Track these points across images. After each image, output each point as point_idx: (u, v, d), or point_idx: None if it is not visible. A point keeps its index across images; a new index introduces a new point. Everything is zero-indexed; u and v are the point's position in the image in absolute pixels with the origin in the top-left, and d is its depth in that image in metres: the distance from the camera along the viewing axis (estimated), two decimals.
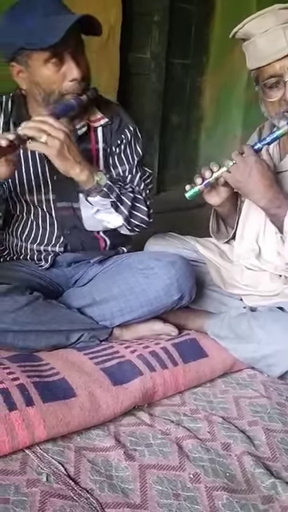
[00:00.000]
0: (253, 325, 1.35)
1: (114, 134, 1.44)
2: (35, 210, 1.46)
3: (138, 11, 3.13)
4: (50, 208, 1.45)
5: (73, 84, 1.27)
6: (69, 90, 1.28)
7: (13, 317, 1.26)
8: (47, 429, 1.02)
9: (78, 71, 1.25)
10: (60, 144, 1.20)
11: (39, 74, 1.26)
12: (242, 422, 1.19)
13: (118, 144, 1.45)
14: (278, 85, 1.31)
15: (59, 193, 1.43)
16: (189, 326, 1.51)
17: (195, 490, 0.96)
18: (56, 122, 1.21)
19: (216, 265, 1.61)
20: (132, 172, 1.47)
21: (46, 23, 1.20)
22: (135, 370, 1.24)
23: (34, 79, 1.28)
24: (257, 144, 1.35)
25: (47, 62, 1.24)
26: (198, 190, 1.40)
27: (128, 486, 0.96)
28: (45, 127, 1.19)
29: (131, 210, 1.38)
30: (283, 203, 1.32)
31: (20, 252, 1.52)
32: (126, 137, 1.45)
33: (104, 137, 1.44)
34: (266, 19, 1.29)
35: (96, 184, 1.29)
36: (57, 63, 1.24)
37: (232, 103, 3.72)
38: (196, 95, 3.80)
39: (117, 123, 1.44)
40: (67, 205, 1.44)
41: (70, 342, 1.34)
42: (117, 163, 1.47)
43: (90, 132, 1.42)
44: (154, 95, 3.43)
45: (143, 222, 1.42)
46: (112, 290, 1.41)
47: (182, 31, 3.51)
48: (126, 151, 1.46)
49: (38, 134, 1.19)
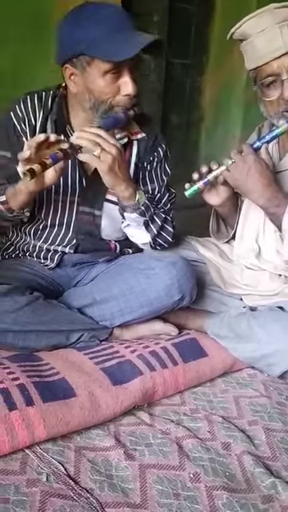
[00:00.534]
0: (253, 324, 1.35)
1: (148, 150, 1.46)
2: (55, 209, 1.45)
3: (137, 11, 3.13)
4: (71, 209, 1.45)
5: (126, 99, 1.29)
6: (120, 103, 1.29)
7: (13, 317, 1.26)
8: (47, 428, 1.02)
9: (133, 87, 1.27)
10: (112, 160, 1.22)
11: (95, 83, 1.26)
12: (242, 422, 1.19)
13: (150, 161, 1.47)
14: (276, 84, 1.31)
15: (84, 197, 1.44)
16: (189, 326, 1.51)
17: (195, 490, 0.96)
18: (110, 137, 1.23)
19: (216, 265, 1.61)
20: (161, 191, 1.49)
21: (117, 37, 1.21)
22: (135, 370, 1.24)
23: (89, 86, 1.28)
24: (256, 142, 1.36)
25: (106, 73, 1.25)
26: (198, 189, 1.41)
27: (128, 485, 0.96)
28: (99, 140, 1.21)
29: (160, 230, 1.42)
30: (282, 202, 1.32)
31: (27, 250, 1.51)
32: (158, 154, 1.48)
33: (138, 151, 1.46)
34: (262, 19, 1.29)
35: (136, 202, 1.32)
36: (115, 76, 1.26)
37: (232, 103, 3.73)
38: (196, 95, 3.80)
39: (152, 140, 1.46)
40: (89, 210, 1.45)
41: (70, 342, 1.34)
42: (147, 180, 1.48)
43: (127, 144, 1.44)
44: (154, 95, 3.44)
45: (167, 241, 1.47)
46: (112, 290, 1.41)
47: (182, 31, 3.51)
48: (157, 169, 1.49)
49: (93, 146, 1.21)
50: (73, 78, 1.29)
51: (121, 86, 1.27)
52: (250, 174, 1.31)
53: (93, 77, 1.26)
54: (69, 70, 1.29)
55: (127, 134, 1.42)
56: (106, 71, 1.24)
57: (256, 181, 1.31)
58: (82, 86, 1.29)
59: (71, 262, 1.52)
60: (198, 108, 3.86)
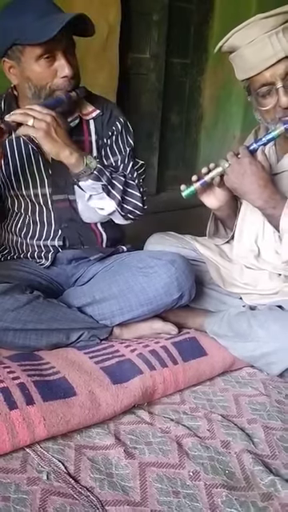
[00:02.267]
0: (252, 323, 1.36)
1: (106, 126, 1.47)
2: (32, 204, 1.48)
3: (137, 11, 3.14)
4: (46, 201, 1.47)
5: (64, 81, 1.31)
6: (59, 86, 1.32)
7: (13, 315, 1.27)
8: (47, 427, 1.03)
9: (69, 68, 1.29)
10: (47, 125, 1.23)
11: (31, 70, 1.30)
12: (242, 420, 1.20)
13: (110, 135, 1.48)
14: (271, 92, 1.31)
15: (55, 186, 1.45)
16: (188, 325, 1.52)
17: (195, 488, 0.97)
18: (42, 108, 1.25)
19: (215, 264, 1.61)
20: (124, 161, 1.49)
21: (42, 21, 1.24)
22: (135, 369, 1.25)
23: (26, 74, 1.31)
24: (253, 145, 1.36)
25: (39, 59, 1.28)
26: (194, 189, 1.42)
27: (128, 483, 0.97)
28: (30, 112, 1.23)
29: (123, 194, 1.39)
30: (278, 203, 1.32)
31: (21, 249, 1.53)
32: (116, 128, 1.48)
33: (96, 129, 1.47)
34: (250, 30, 1.29)
35: (86, 167, 1.30)
36: (49, 60, 1.28)
37: (231, 102, 3.72)
38: (195, 95, 3.80)
39: (107, 116, 1.47)
40: (63, 197, 1.46)
41: (71, 341, 1.35)
42: (109, 154, 1.49)
43: (83, 124, 1.45)
44: (154, 95, 3.44)
45: (137, 207, 1.43)
46: (112, 289, 1.41)
47: (182, 30, 3.51)
48: (118, 142, 1.49)
49: (25, 118, 1.22)
50: (12, 70, 1.34)
51: (57, 69, 1.30)
52: (246, 176, 1.32)
53: (28, 64, 1.29)
54: (7, 64, 1.33)
55: (79, 115, 1.44)
56: (39, 56, 1.27)
57: (252, 183, 1.32)
58: (21, 76, 1.33)
59: (66, 259, 1.53)
60: (198, 107, 3.86)
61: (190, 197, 1.43)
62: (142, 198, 1.43)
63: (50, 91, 1.32)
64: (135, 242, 1.69)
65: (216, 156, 1.47)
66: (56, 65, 1.30)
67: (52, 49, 1.27)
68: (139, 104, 3.37)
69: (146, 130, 3.44)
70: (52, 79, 1.31)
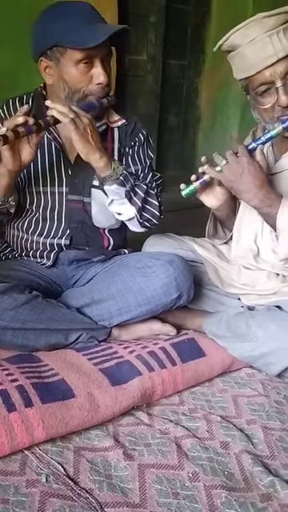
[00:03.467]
0: (251, 324, 1.36)
1: (129, 136, 1.52)
2: (45, 201, 1.48)
3: (134, 12, 3.14)
4: (61, 200, 1.48)
5: (98, 87, 1.36)
6: (93, 92, 1.36)
7: (12, 314, 1.27)
8: (46, 429, 1.03)
9: (104, 76, 1.34)
10: (84, 126, 1.26)
11: (69, 72, 1.33)
12: (241, 421, 1.20)
13: (132, 145, 1.52)
14: (270, 91, 1.32)
15: (72, 186, 1.47)
16: (187, 326, 1.52)
17: (194, 489, 0.97)
18: (80, 110, 1.28)
19: (213, 265, 1.62)
20: (144, 172, 1.53)
21: (87, 27, 1.29)
22: (134, 370, 1.25)
23: (62, 76, 1.34)
24: (251, 144, 1.37)
25: (79, 63, 1.32)
26: (194, 188, 1.43)
27: (127, 485, 0.97)
28: (71, 113, 1.26)
29: (144, 202, 1.43)
30: (274, 202, 1.33)
31: (24, 247, 1.53)
32: (139, 139, 1.53)
33: (119, 137, 1.51)
34: (250, 29, 1.30)
35: (113, 172, 1.34)
36: (87, 65, 1.33)
37: (229, 103, 3.73)
38: (193, 96, 3.81)
39: (132, 126, 1.53)
40: (78, 198, 1.48)
41: (69, 342, 1.35)
42: (130, 163, 1.52)
43: (108, 132, 1.49)
44: (151, 96, 3.44)
45: (154, 216, 1.47)
46: (110, 290, 1.42)
47: (179, 32, 3.52)
48: (139, 153, 1.53)
49: (66, 115, 1.25)
50: (48, 70, 1.37)
51: (93, 76, 1.34)
52: (244, 175, 1.32)
53: (66, 67, 1.33)
54: (44, 63, 1.36)
55: (106, 122, 1.48)
56: (79, 60, 1.31)
57: (249, 182, 1.32)
58: (57, 76, 1.36)
59: (67, 260, 1.53)
60: (195, 108, 3.87)
61: (189, 196, 1.44)
62: (159, 207, 1.48)
63: (84, 96, 1.36)
64: (134, 243, 1.69)
65: None
66: (93, 71, 1.34)
67: (92, 55, 1.31)
68: (137, 105, 3.38)
69: None
70: (87, 84, 1.35)
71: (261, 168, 1.33)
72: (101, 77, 1.33)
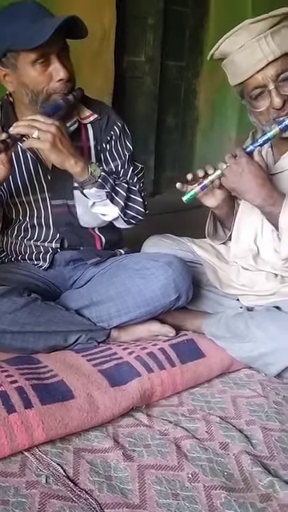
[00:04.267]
0: (250, 324, 1.36)
1: (104, 131, 1.48)
2: (31, 209, 1.48)
3: (132, 14, 3.15)
4: (45, 206, 1.48)
5: (60, 84, 1.31)
6: (56, 89, 1.32)
7: (11, 318, 1.27)
8: (46, 431, 1.03)
9: (64, 72, 1.30)
10: (52, 137, 1.23)
11: (27, 75, 1.30)
12: (240, 422, 1.20)
13: (108, 140, 1.48)
14: (263, 94, 1.34)
15: (54, 191, 1.46)
16: (186, 327, 1.52)
17: (194, 490, 0.97)
18: (45, 118, 1.25)
19: (212, 265, 1.62)
20: (124, 167, 1.50)
21: (34, 26, 1.24)
22: (133, 372, 1.25)
23: (22, 80, 1.31)
24: (249, 146, 1.37)
25: (34, 63, 1.28)
26: (195, 193, 1.43)
27: (127, 486, 0.97)
28: (35, 124, 1.23)
29: (126, 200, 1.41)
30: (277, 201, 1.33)
31: (19, 251, 1.53)
32: (115, 133, 1.48)
33: (94, 134, 1.48)
34: (239, 36, 1.31)
35: (91, 175, 1.32)
36: (44, 64, 1.28)
37: (227, 105, 3.73)
38: (191, 97, 3.81)
39: (105, 120, 1.48)
40: (62, 202, 1.47)
41: (68, 344, 1.35)
42: (109, 159, 1.49)
43: (81, 129, 1.46)
44: (149, 98, 3.45)
45: (139, 213, 1.45)
46: (109, 291, 1.42)
47: (177, 34, 3.52)
48: (117, 147, 1.50)
49: (30, 130, 1.23)
50: (7, 78, 1.34)
51: (52, 73, 1.30)
52: (244, 175, 1.33)
53: (23, 70, 1.29)
54: (1, 72, 1.33)
55: (77, 119, 1.44)
56: (34, 61, 1.27)
57: (250, 181, 1.33)
58: (17, 82, 1.33)
59: (64, 261, 1.53)
60: (193, 110, 3.87)
61: (190, 201, 1.44)
62: (143, 203, 1.45)
63: (47, 95, 1.32)
64: (132, 244, 1.69)
65: (212, 158, 1.48)
66: (51, 68, 1.30)
67: (46, 53, 1.27)
68: (135, 107, 3.38)
69: (141, 133, 3.45)
70: (48, 83, 1.31)
71: (261, 167, 1.34)
72: (60, 72, 1.29)
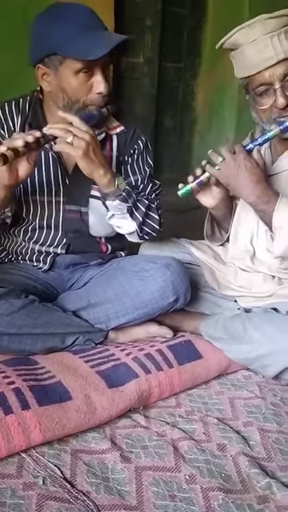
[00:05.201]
0: (247, 326, 1.36)
1: (128, 144, 1.49)
2: (42, 210, 1.47)
3: (130, 15, 3.15)
4: (58, 210, 1.47)
5: (98, 97, 1.31)
6: (93, 101, 1.32)
7: (8, 320, 1.27)
8: (43, 432, 1.03)
9: (105, 86, 1.30)
10: (86, 145, 1.23)
11: (68, 82, 1.29)
12: (237, 423, 1.20)
13: (131, 154, 1.49)
14: (268, 92, 1.33)
15: (70, 196, 1.46)
16: (184, 328, 1.52)
17: (191, 491, 0.97)
18: (82, 124, 1.24)
19: (210, 267, 1.62)
20: (144, 182, 1.51)
21: (87, 36, 1.23)
22: (130, 373, 1.25)
23: (61, 85, 1.30)
24: (248, 144, 1.37)
25: (78, 73, 1.27)
26: (190, 188, 1.42)
27: (124, 487, 0.96)
28: (70, 128, 1.23)
29: (145, 217, 1.42)
30: (271, 199, 1.33)
31: (20, 253, 1.52)
32: (138, 147, 1.50)
33: (118, 145, 1.48)
34: (253, 29, 1.31)
35: (116, 188, 1.33)
36: (87, 75, 1.28)
37: (225, 106, 3.74)
38: (189, 98, 3.82)
39: (131, 133, 1.49)
40: (75, 208, 1.47)
41: (66, 345, 1.34)
42: (129, 172, 1.50)
43: (106, 139, 1.46)
44: (148, 99, 3.45)
45: (154, 230, 1.47)
46: (107, 293, 1.41)
47: (175, 35, 3.53)
48: (139, 161, 1.51)
49: (65, 134, 1.22)
50: (45, 77, 1.32)
51: (93, 85, 1.30)
52: (240, 172, 1.33)
53: (65, 76, 1.28)
54: (41, 70, 1.31)
55: (105, 130, 1.45)
56: (78, 70, 1.27)
57: (246, 178, 1.33)
58: (55, 85, 1.31)
59: (64, 264, 1.53)
60: (191, 111, 3.88)
61: (185, 196, 1.43)
62: (159, 220, 1.47)
63: (83, 106, 1.32)
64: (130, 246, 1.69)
65: None
66: (93, 80, 1.29)
67: (92, 65, 1.27)
68: (133, 108, 3.38)
69: None
70: (87, 94, 1.30)
71: (258, 165, 1.34)
72: (101, 86, 1.29)
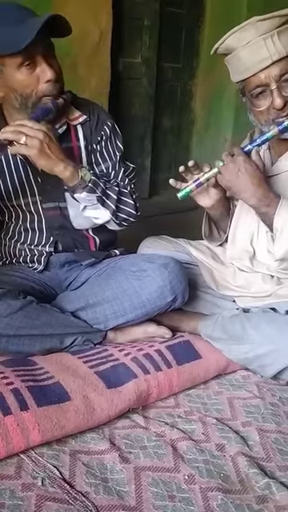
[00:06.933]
0: (246, 326, 1.36)
1: (94, 131, 1.47)
2: (23, 213, 1.48)
3: (128, 16, 3.15)
4: (37, 209, 1.47)
5: (48, 85, 1.30)
6: (45, 91, 1.30)
7: (6, 321, 1.26)
8: (42, 433, 1.03)
9: (51, 72, 1.28)
10: (39, 143, 1.22)
11: (14, 79, 1.28)
12: (236, 423, 1.20)
13: (99, 141, 1.47)
14: (265, 93, 1.33)
15: (45, 194, 1.45)
16: (182, 328, 1.52)
17: (190, 492, 0.97)
18: (34, 123, 1.23)
19: (209, 267, 1.62)
20: (115, 168, 1.49)
21: (16, 28, 1.22)
22: (129, 373, 1.25)
23: (10, 85, 1.30)
24: (247, 146, 1.37)
25: (21, 67, 1.26)
26: (190, 190, 1.43)
27: (123, 488, 0.96)
28: (22, 129, 1.22)
29: (118, 203, 1.40)
30: (272, 201, 1.34)
31: (13, 254, 1.53)
32: (105, 133, 1.48)
33: (84, 134, 1.46)
34: (245, 32, 1.31)
35: (81, 180, 1.31)
36: (30, 66, 1.27)
37: (223, 106, 3.75)
38: (187, 99, 3.82)
39: (95, 120, 1.47)
40: (54, 205, 1.47)
41: (64, 346, 1.34)
42: (99, 160, 1.49)
43: (70, 130, 1.45)
44: (146, 99, 3.45)
45: (130, 215, 1.44)
46: (105, 293, 1.41)
47: (173, 35, 3.53)
48: (108, 147, 1.49)
49: (17, 136, 1.22)
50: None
51: (39, 75, 1.28)
52: (240, 175, 1.33)
53: (10, 75, 1.28)
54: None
55: (66, 121, 1.43)
56: (20, 64, 1.26)
57: (246, 181, 1.33)
58: (5, 87, 1.31)
59: (59, 263, 1.53)
60: (190, 111, 3.88)
61: (184, 198, 1.43)
62: (135, 205, 1.44)
63: (37, 98, 1.30)
64: (129, 245, 1.69)
65: (208, 159, 1.48)
66: (38, 70, 1.28)
67: (31, 55, 1.25)
68: (131, 108, 3.38)
69: (138, 134, 3.45)
70: (36, 86, 1.29)
71: (257, 167, 1.34)
72: (47, 73, 1.27)
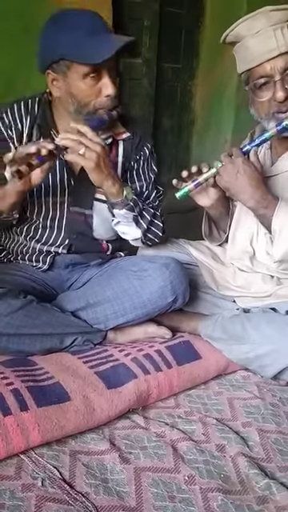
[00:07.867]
0: (246, 326, 1.36)
1: (134, 150, 1.51)
2: (47, 210, 1.47)
3: (128, 16, 3.15)
4: (62, 211, 1.47)
5: (107, 99, 1.32)
6: (103, 105, 1.33)
7: (7, 320, 1.26)
8: (42, 433, 1.02)
9: (113, 88, 1.31)
10: (97, 157, 1.25)
11: (76, 86, 1.30)
12: (236, 424, 1.20)
13: (137, 160, 1.51)
14: (268, 85, 1.33)
15: (75, 198, 1.46)
16: (182, 329, 1.52)
17: (190, 492, 0.97)
18: (93, 135, 1.26)
19: (209, 267, 1.62)
20: (149, 188, 1.53)
21: (93, 40, 1.24)
22: (129, 373, 1.24)
23: (70, 90, 1.31)
24: (246, 146, 1.38)
25: (86, 76, 1.28)
26: (188, 190, 1.43)
27: (123, 488, 0.96)
28: (83, 139, 1.25)
29: (149, 225, 1.45)
30: (270, 203, 1.34)
31: (20, 252, 1.52)
32: (144, 153, 1.52)
33: (124, 151, 1.49)
34: (256, 21, 1.31)
35: (124, 198, 1.35)
36: (95, 78, 1.29)
37: (223, 106, 3.74)
38: (187, 99, 3.82)
39: (137, 139, 1.50)
40: (80, 210, 1.48)
41: (64, 346, 1.34)
42: (135, 178, 1.52)
43: (112, 145, 1.47)
44: (146, 99, 3.45)
45: (157, 236, 1.50)
46: (106, 293, 1.41)
47: (173, 35, 3.53)
48: (144, 168, 1.53)
49: (77, 146, 1.25)
50: (55, 83, 1.33)
51: (101, 88, 1.31)
52: (239, 176, 1.33)
53: (73, 80, 1.30)
54: (51, 76, 1.32)
55: (112, 135, 1.46)
56: (86, 74, 1.28)
57: (245, 182, 1.33)
58: (64, 90, 1.33)
59: (64, 264, 1.53)
60: (190, 111, 3.88)
61: (183, 198, 1.44)
62: (163, 227, 1.50)
63: (93, 109, 1.33)
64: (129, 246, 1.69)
65: (208, 160, 1.48)
66: (101, 83, 1.30)
67: (100, 68, 1.28)
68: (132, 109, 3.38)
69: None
70: (96, 98, 1.31)
71: (256, 169, 1.34)
72: (109, 88, 1.30)
